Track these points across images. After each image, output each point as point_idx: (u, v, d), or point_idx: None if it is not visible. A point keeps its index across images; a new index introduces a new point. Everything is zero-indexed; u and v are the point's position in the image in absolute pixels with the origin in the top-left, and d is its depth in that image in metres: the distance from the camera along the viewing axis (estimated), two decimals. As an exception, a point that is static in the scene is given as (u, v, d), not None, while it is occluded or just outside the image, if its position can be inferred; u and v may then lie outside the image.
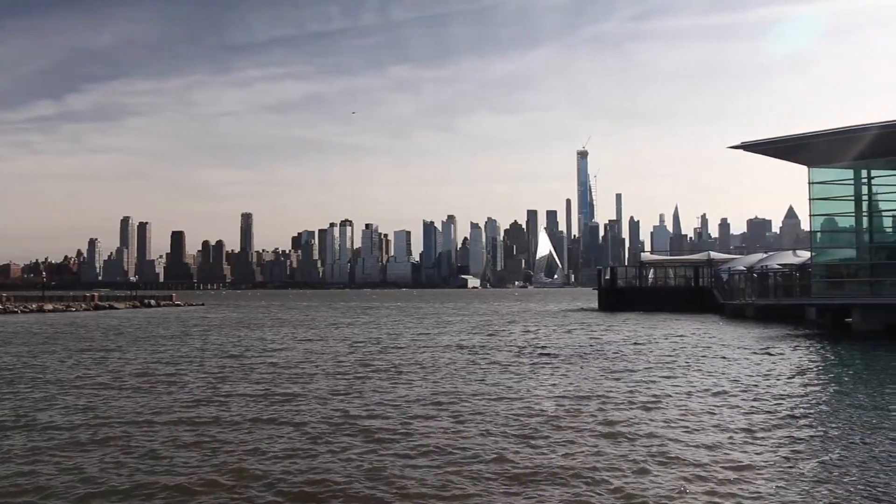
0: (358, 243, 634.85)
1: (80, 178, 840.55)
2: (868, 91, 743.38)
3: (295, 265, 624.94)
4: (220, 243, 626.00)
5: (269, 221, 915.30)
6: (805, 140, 44.87)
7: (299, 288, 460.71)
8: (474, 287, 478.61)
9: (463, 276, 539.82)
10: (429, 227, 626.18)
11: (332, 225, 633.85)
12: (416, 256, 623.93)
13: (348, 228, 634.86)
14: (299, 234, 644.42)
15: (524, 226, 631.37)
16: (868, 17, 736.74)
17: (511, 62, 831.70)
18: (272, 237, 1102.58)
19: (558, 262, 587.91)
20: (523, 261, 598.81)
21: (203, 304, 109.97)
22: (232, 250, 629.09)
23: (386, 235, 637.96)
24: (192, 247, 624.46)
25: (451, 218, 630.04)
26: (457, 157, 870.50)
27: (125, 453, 13.13)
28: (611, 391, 19.74)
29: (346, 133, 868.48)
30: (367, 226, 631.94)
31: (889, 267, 44.53)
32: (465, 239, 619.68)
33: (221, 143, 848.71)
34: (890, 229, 48.80)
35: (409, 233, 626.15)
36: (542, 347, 33.41)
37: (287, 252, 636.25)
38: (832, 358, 30.49)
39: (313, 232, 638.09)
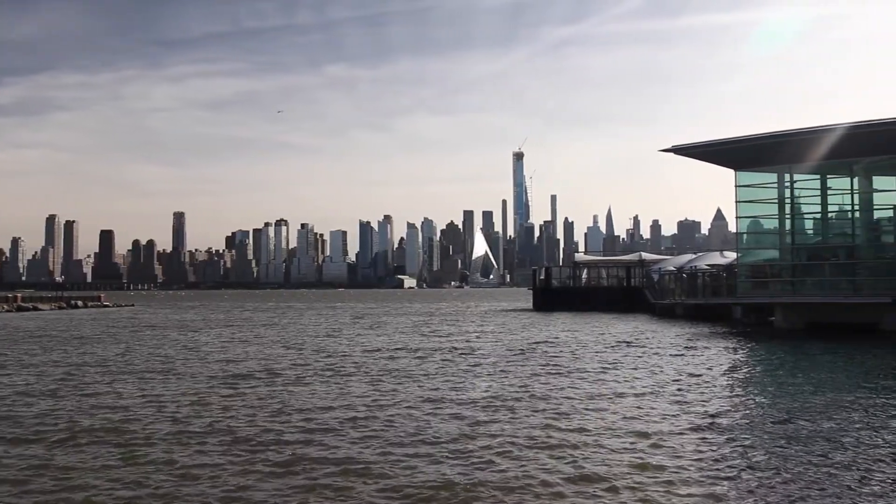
0: (293, 243, 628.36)
1: (2, 174, 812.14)
2: (792, 98, 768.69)
3: (229, 265, 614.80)
4: (151, 243, 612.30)
5: (202, 220, 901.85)
6: (732, 144, 46.31)
7: (233, 288, 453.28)
8: (410, 287, 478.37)
9: (399, 277, 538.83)
10: (365, 227, 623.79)
11: (266, 224, 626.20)
12: (352, 256, 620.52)
13: (283, 228, 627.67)
14: (233, 233, 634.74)
15: (460, 226, 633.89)
16: (793, 30, 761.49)
17: (448, 63, 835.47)
18: (205, 237, 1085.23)
19: (494, 262, 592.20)
20: (459, 261, 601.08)
21: (133, 305, 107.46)
22: (164, 250, 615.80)
23: (322, 235, 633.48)
24: (121, 246, 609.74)
25: (387, 218, 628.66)
26: (393, 157, 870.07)
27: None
28: (540, 391, 19.98)
29: (282, 132, 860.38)
30: (303, 225, 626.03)
31: (809, 267, 46.25)
32: (402, 239, 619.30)
33: (153, 140, 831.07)
34: (811, 231, 50.68)
35: (345, 233, 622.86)
36: (477, 348, 33.68)
37: (221, 252, 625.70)
38: (755, 355, 31.60)
39: (248, 231, 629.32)
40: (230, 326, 53.88)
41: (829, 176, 47.53)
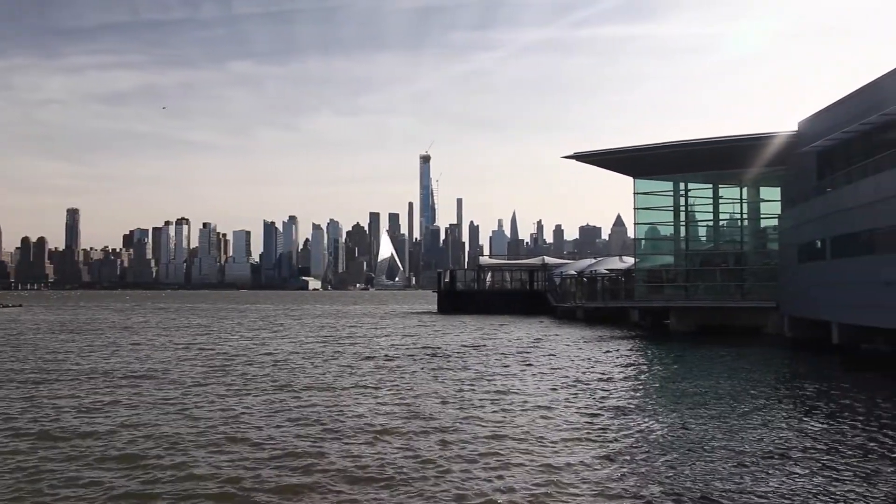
0: (195, 243, 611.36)
1: None
2: (687, 111, 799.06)
3: (126, 265, 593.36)
4: (41, 240, 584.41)
5: (97, 218, 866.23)
6: (630, 153, 47.89)
7: (131, 288, 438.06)
8: (315, 289, 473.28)
9: (304, 278, 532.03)
10: (269, 228, 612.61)
11: (167, 223, 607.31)
12: (255, 257, 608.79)
13: (184, 227, 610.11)
14: (131, 231, 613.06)
15: (366, 228, 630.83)
16: (690, 45, 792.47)
17: (356, 64, 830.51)
18: (101, 235, 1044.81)
19: (400, 264, 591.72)
20: (365, 263, 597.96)
21: (21, 306, 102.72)
22: (56, 248, 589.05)
23: (224, 235, 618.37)
24: (9, 243, 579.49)
25: (292, 218, 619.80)
26: (299, 157, 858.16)
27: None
28: (438, 392, 20.25)
29: (184, 128, 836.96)
30: (205, 225, 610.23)
31: (702, 273, 48.25)
32: (307, 240, 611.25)
33: (45, 133, 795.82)
34: (704, 238, 52.90)
35: (248, 233, 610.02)
36: (382, 349, 33.76)
37: (118, 251, 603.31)
38: (650, 355, 32.83)
39: (147, 230, 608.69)
40: (126, 329, 52.22)
41: (720, 185, 49.77)
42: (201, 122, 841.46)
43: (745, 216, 48.70)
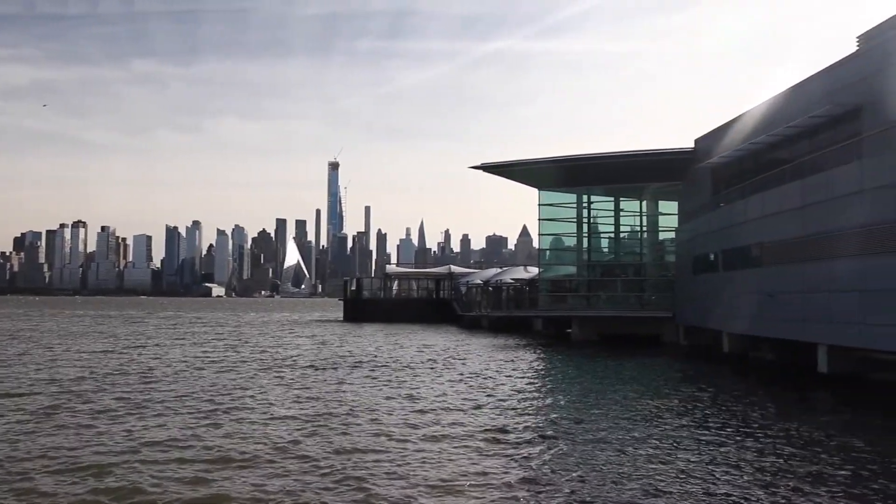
0: (92, 247, 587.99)
1: None
2: (593, 125, 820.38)
3: (17, 269, 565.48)
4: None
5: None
6: (535, 165, 48.87)
7: (22, 294, 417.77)
8: (219, 296, 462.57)
9: (207, 285, 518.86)
10: (172, 233, 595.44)
11: (62, 226, 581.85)
12: (157, 263, 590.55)
13: (81, 230, 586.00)
14: (23, 234, 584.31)
15: (273, 234, 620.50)
16: (597, 61, 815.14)
17: (264, 68, 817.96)
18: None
19: (306, 272, 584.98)
20: (271, 270, 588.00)
21: None
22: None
23: (124, 239, 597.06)
24: None
25: (196, 223, 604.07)
26: (204, 161, 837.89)
27: None
28: (343, 401, 20.18)
29: (81, 127, 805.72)
30: (103, 228, 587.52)
31: (603, 283, 49.63)
32: (211, 246, 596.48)
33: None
34: (606, 249, 54.39)
35: (149, 237, 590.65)
36: (284, 359, 33.29)
37: (7, 254, 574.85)
38: (549, 363, 33.52)
39: (40, 233, 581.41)
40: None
41: (621, 198, 51.32)
42: (100, 122, 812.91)
43: (644, 229, 50.36)
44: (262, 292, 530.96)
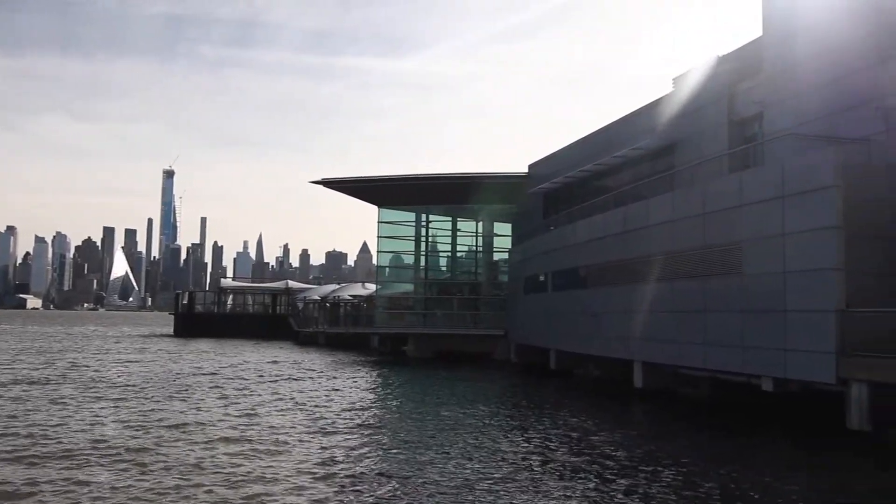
0: None
1: None
2: (436, 144, 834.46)
3: None
4: None
5: None
6: (376, 183, 49.38)
7: None
8: (35, 308, 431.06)
9: (22, 296, 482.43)
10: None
11: None
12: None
13: None
14: None
15: (99, 243, 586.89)
16: (445, 83, 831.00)
17: (97, 66, 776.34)
18: None
19: (135, 284, 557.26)
20: (95, 281, 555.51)
21: None
22: None
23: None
24: None
25: (10, 229, 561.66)
26: (23, 162, 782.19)
27: None
28: (168, 421, 19.53)
29: None
30: None
31: (439, 301, 50.63)
32: (28, 254, 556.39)
33: None
34: (443, 268, 55.59)
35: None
36: (106, 378, 31.63)
37: None
38: (381, 380, 33.72)
39: None
40: None
41: (459, 218, 52.71)
42: None
43: (480, 249, 51.91)
44: (85, 304, 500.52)
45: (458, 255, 54.91)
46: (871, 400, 17.03)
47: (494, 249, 51.61)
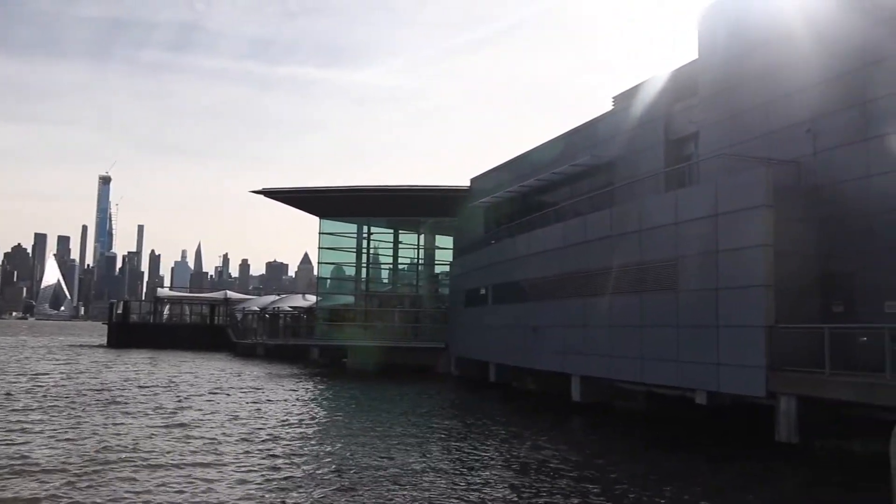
0: None
1: None
2: (379, 155, 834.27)
3: None
4: None
5: None
6: (317, 193, 49.10)
7: None
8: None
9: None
10: None
11: None
12: None
13: None
14: None
15: (29, 250, 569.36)
16: (391, 94, 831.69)
17: (29, 66, 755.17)
18: None
19: (67, 293, 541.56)
20: (25, 289, 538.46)
21: None
22: None
23: None
24: None
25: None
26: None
27: None
28: (98, 435, 19.08)
29: None
30: None
31: (380, 313, 50.47)
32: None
33: None
34: (386, 280, 55.52)
35: None
36: (31, 390, 30.67)
37: None
38: (321, 393, 33.41)
39: None
40: None
41: (400, 231, 52.74)
42: None
43: (421, 261, 51.98)
44: (14, 313, 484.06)
45: (400, 267, 54.94)
46: (798, 413, 17.58)
47: (436, 262, 51.76)
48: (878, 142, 19.14)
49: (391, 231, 52.88)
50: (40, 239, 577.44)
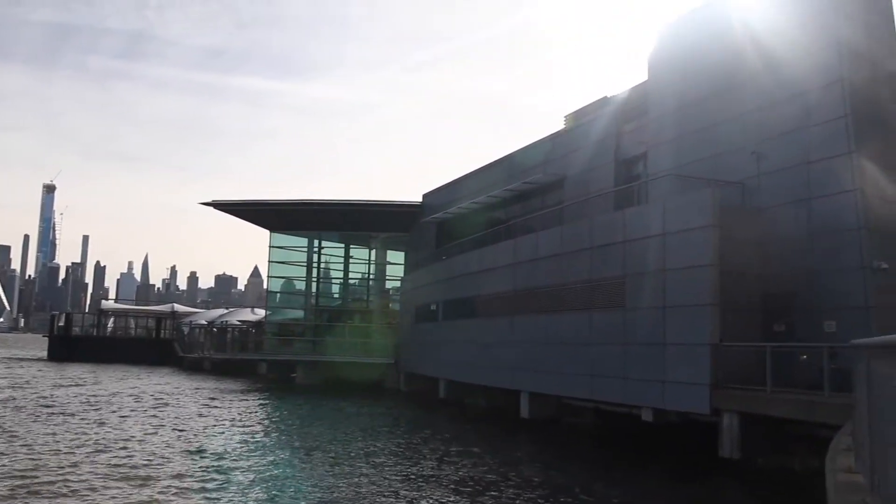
0: None
1: None
2: (324, 168, 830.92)
3: None
4: None
5: None
6: (267, 206, 48.65)
7: None
8: None
9: None
10: None
11: None
12: None
13: None
14: None
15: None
16: (341, 108, 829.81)
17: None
18: None
19: (6, 304, 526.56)
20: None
21: None
22: None
23: None
24: None
25: None
26: None
27: None
28: (34, 453, 18.55)
29: None
30: None
31: (329, 328, 49.99)
32: None
33: None
34: (336, 295, 55.12)
35: None
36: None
37: None
38: (271, 410, 32.99)
39: None
40: None
41: (352, 245, 52.49)
42: None
43: (372, 277, 51.77)
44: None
45: (351, 282, 54.60)
46: (741, 430, 17.87)
47: (387, 277, 51.58)
48: (818, 165, 19.70)
49: (342, 245, 52.58)
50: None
